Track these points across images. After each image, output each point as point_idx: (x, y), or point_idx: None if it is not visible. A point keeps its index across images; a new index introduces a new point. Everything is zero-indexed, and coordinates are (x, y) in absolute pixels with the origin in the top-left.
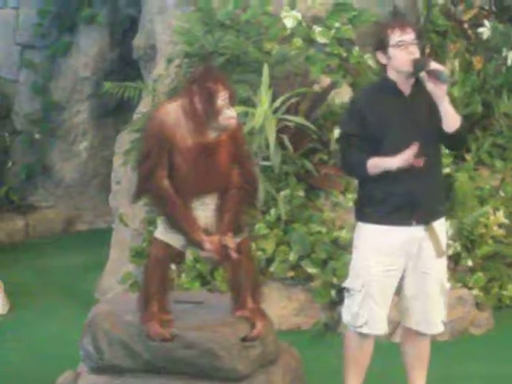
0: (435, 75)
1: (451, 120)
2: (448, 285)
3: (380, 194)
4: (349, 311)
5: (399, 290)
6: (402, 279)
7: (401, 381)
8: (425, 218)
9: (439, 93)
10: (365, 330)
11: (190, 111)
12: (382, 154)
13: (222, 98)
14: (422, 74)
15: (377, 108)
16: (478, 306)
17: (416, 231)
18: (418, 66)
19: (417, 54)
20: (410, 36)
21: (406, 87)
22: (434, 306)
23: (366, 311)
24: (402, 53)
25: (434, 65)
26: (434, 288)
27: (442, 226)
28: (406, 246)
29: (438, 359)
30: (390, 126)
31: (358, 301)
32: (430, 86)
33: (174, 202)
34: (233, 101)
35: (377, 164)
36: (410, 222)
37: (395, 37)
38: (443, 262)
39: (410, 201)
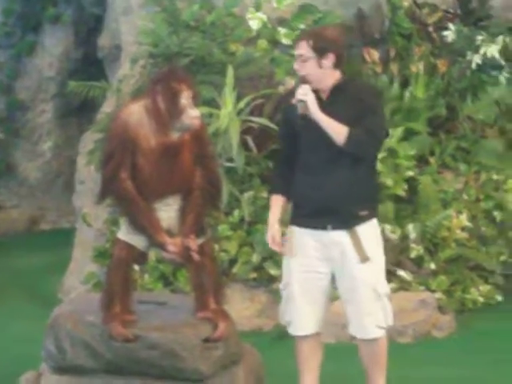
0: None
1: (332, 136)
2: (384, 289)
3: (297, 197)
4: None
5: None
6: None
7: (355, 382)
8: (342, 224)
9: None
10: (290, 330)
11: (153, 111)
12: (302, 163)
13: (185, 98)
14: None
15: (290, 119)
16: (441, 309)
17: (335, 236)
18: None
19: (299, 71)
20: (296, 51)
21: (324, 93)
22: (366, 312)
23: (288, 311)
24: None
25: (297, 95)
26: (364, 293)
27: (366, 230)
28: (325, 250)
29: (400, 362)
30: (302, 137)
31: (283, 300)
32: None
33: (137, 203)
34: (196, 101)
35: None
36: (324, 226)
37: None
38: (374, 267)
39: (324, 206)
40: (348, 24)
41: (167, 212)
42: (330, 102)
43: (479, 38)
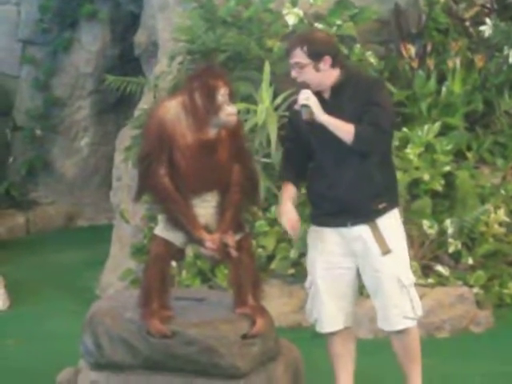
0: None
1: (341, 137)
2: (408, 280)
3: (313, 197)
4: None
5: None
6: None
7: (391, 377)
8: (361, 219)
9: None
10: (317, 328)
11: (191, 108)
12: (314, 164)
13: (222, 95)
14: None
15: (298, 122)
16: (479, 304)
17: (356, 231)
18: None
19: (298, 78)
20: (291, 59)
21: (326, 93)
22: (392, 304)
23: (315, 309)
24: None
25: (299, 100)
26: (388, 285)
27: (387, 222)
28: (348, 245)
29: (438, 357)
30: (309, 139)
31: (309, 298)
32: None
33: (175, 200)
34: (233, 98)
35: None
36: (344, 223)
37: None
38: (397, 258)
39: (339, 204)
40: (385, 19)
41: (205, 208)
42: (334, 100)
43: None
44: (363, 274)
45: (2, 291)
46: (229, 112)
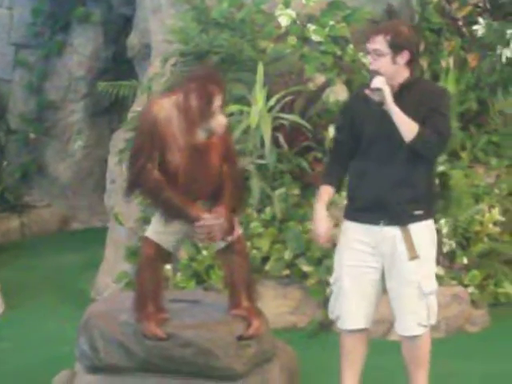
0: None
1: (402, 131)
2: (429, 288)
3: (350, 191)
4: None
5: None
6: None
7: (397, 379)
8: (395, 220)
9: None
10: (338, 324)
11: (184, 107)
12: (358, 157)
13: (217, 102)
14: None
15: (354, 111)
16: (474, 303)
17: (387, 231)
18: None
19: (372, 64)
20: (370, 45)
21: (392, 90)
22: (409, 310)
23: (338, 305)
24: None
25: (374, 83)
26: (409, 291)
27: (419, 229)
28: (377, 245)
29: (434, 357)
30: (362, 130)
31: (333, 294)
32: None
33: (166, 189)
34: (224, 105)
35: (316, 198)
36: (377, 221)
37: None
38: (423, 266)
39: (376, 201)
40: (378, 19)
41: None
42: (398, 100)
43: (509, 31)
44: (387, 275)
45: None
46: (220, 122)
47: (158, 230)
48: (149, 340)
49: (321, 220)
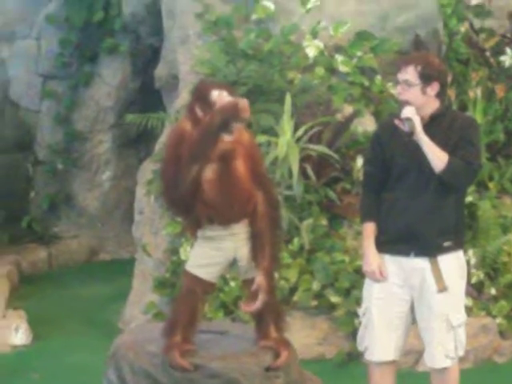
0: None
1: (432, 161)
2: (458, 321)
3: (381, 223)
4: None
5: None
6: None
7: None
8: (425, 251)
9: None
10: (366, 356)
11: (194, 120)
12: (388, 188)
13: (215, 95)
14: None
15: (383, 143)
16: (502, 334)
17: (417, 263)
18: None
19: (402, 95)
20: (400, 75)
21: (422, 121)
22: (437, 342)
23: (366, 337)
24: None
25: (404, 113)
26: (437, 323)
27: (448, 261)
28: (406, 277)
29: None
30: (392, 161)
31: (362, 326)
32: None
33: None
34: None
35: (363, 236)
36: (408, 252)
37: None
38: (452, 298)
39: (407, 232)
40: (405, 50)
41: (234, 242)
42: (427, 131)
43: None
44: (417, 307)
45: (25, 326)
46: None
47: (198, 264)
48: (175, 371)
49: (373, 257)
